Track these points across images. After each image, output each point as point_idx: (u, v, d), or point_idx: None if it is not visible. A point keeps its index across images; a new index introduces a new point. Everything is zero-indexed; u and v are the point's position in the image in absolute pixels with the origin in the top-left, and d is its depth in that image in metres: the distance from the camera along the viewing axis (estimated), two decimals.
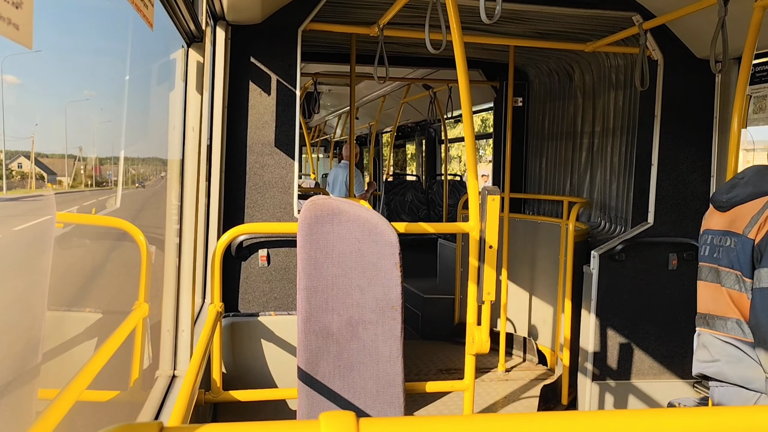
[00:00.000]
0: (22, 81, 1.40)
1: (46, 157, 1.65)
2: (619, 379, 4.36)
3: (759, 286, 2.36)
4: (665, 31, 4.19)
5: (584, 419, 0.85)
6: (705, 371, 2.62)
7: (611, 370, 4.35)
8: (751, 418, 0.85)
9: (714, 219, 2.67)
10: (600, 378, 4.34)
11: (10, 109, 1.34)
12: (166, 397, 2.56)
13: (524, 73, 6.07)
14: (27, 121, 1.51)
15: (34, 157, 1.53)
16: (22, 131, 1.48)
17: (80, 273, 2.21)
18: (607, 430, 0.84)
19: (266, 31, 3.72)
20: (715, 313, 2.59)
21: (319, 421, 0.77)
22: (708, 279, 2.64)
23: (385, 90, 8.31)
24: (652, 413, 0.86)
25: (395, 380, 2.42)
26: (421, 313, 6.34)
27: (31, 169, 1.52)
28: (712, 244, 2.63)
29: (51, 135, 1.68)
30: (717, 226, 2.63)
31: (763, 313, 2.33)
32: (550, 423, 0.84)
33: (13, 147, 1.44)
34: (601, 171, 5.16)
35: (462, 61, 2.65)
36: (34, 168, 1.54)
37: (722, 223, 2.60)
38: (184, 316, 2.80)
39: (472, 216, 2.72)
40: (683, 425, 0.85)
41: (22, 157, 1.50)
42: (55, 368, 1.81)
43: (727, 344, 2.53)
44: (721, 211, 2.63)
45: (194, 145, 2.69)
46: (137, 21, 1.63)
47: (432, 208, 9.66)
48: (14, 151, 1.46)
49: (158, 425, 0.74)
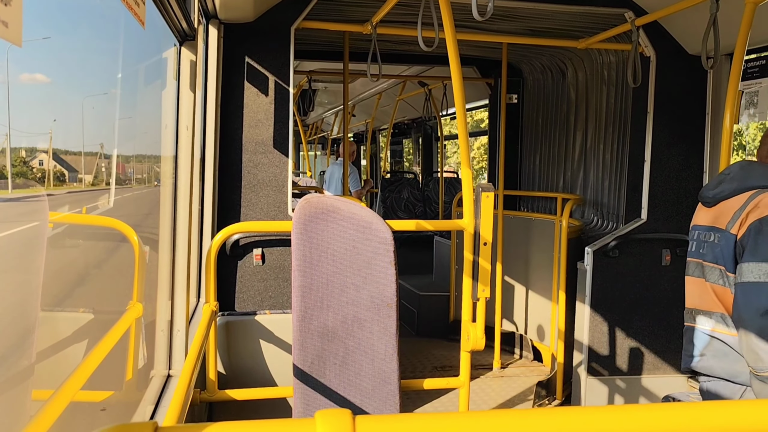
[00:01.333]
0: (52, 79, 1.40)
1: (68, 154, 1.64)
2: (614, 374, 4.37)
3: (741, 281, 2.38)
4: (657, 28, 4.20)
5: (579, 415, 0.85)
6: (694, 366, 2.64)
7: (606, 365, 4.37)
8: (743, 411, 0.86)
9: (701, 215, 2.69)
10: (595, 374, 4.35)
11: (33, 107, 1.34)
12: (161, 396, 2.56)
13: (519, 70, 6.08)
14: (45, 118, 1.50)
15: (57, 154, 1.52)
16: (41, 128, 1.47)
17: (75, 272, 2.20)
18: (602, 425, 0.84)
19: (259, 30, 3.71)
20: (701, 307, 2.61)
21: (315, 419, 0.77)
22: (694, 274, 2.66)
23: (381, 87, 8.30)
24: (647, 408, 0.86)
25: (391, 378, 2.42)
26: (417, 310, 6.35)
27: (48, 165, 1.51)
28: (698, 239, 2.65)
29: (69, 132, 1.67)
30: (703, 222, 2.65)
31: (745, 307, 2.34)
32: (546, 419, 0.84)
33: (32, 144, 1.43)
34: (594, 168, 5.18)
35: (455, 59, 2.65)
36: (53, 166, 1.53)
37: (708, 219, 2.62)
38: (179, 315, 2.79)
39: (467, 213, 2.72)
40: (678, 420, 0.85)
41: (42, 154, 1.49)
42: (50, 368, 1.80)
43: (714, 339, 2.55)
44: (708, 206, 2.65)
45: (187, 144, 2.68)
46: (129, 19, 1.62)
47: (428, 206, 9.66)
48: (36, 148, 1.46)
49: (153, 425, 0.74)
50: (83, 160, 1.88)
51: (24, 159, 1.46)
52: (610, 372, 4.37)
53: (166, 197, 2.80)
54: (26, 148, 1.48)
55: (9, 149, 1.33)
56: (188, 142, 2.68)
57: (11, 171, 1.37)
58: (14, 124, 1.31)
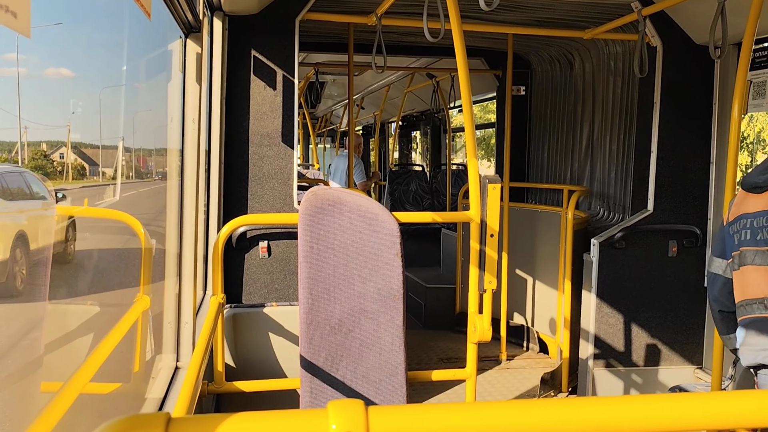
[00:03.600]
0: (76, 74, 1.41)
1: (90, 147, 1.65)
2: (620, 366, 4.37)
3: None
4: (664, 18, 4.16)
5: (585, 406, 0.85)
6: (764, 360, 2.46)
7: (612, 357, 4.36)
8: (751, 401, 0.86)
9: (750, 202, 2.59)
10: (601, 365, 4.35)
11: (54, 102, 1.34)
12: (169, 388, 2.57)
13: (527, 61, 6.05)
14: (63, 111, 1.51)
15: (77, 147, 1.53)
16: (59, 122, 1.48)
17: None
18: (608, 416, 0.84)
19: (264, 22, 3.71)
20: None
21: (328, 410, 0.77)
22: (755, 263, 2.52)
23: (390, 79, 8.28)
24: (654, 399, 0.86)
25: (398, 369, 2.43)
26: (423, 302, 6.36)
27: (67, 157, 1.51)
28: (753, 227, 2.53)
29: (87, 125, 1.68)
30: (756, 208, 2.56)
31: None
32: (552, 410, 0.85)
33: (55, 137, 1.44)
34: (601, 159, 5.16)
35: (461, 50, 2.64)
36: (72, 158, 1.54)
37: (761, 204, 2.54)
38: (186, 307, 2.81)
39: (473, 205, 2.72)
40: (686, 411, 0.85)
41: (63, 148, 1.50)
42: (61, 360, 1.82)
43: None
44: (758, 192, 2.57)
45: (194, 136, 2.69)
46: (134, 11, 1.62)
47: (436, 198, 9.64)
48: (58, 142, 1.47)
49: (165, 416, 0.74)
50: (100, 154, 1.89)
51: (45, 152, 1.47)
52: (617, 363, 4.37)
53: (173, 190, 2.81)
54: (47, 142, 1.49)
55: (20, 143, 1.34)
56: (194, 135, 2.68)
57: (26, 165, 1.38)
58: (33, 117, 1.32)
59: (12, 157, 1.34)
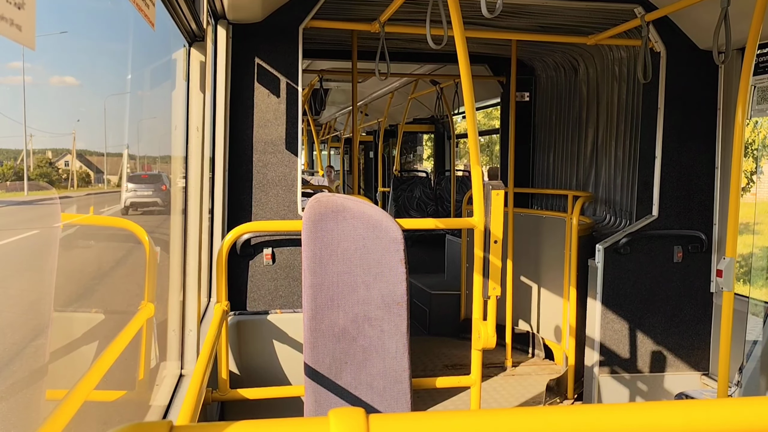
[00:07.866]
0: (81, 82, 1.41)
1: (95, 154, 1.65)
2: (626, 372, 4.35)
3: None
4: (667, 23, 4.16)
5: (591, 413, 0.85)
6: None
7: (617, 363, 4.34)
8: (757, 408, 0.85)
9: None
10: (607, 372, 4.33)
11: (58, 109, 1.35)
12: (173, 396, 2.57)
13: (531, 67, 6.05)
14: (68, 119, 1.51)
15: (82, 155, 1.53)
16: (64, 129, 1.48)
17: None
18: (614, 423, 0.84)
19: (267, 30, 3.72)
20: None
21: (329, 418, 0.77)
22: None
23: (393, 86, 8.30)
24: (660, 406, 0.86)
25: (402, 376, 2.42)
26: (428, 309, 6.35)
27: (72, 165, 1.52)
28: None
29: (92, 133, 1.68)
30: None
31: None
32: (557, 417, 0.84)
33: (60, 145, 1.44)
34: (606, 165, 5.15)
35: (464, 57, 2.64)
36: (76, 166, 1.54)
37: None
38: (191, 315, 2.80)
39: (477, 211, 2.71)
40: (692, 418, 0.85)
41: (68, 155, 1.51)
42: (65, 368, 1.82)
43: None
44: None
45: (198, 144, 2.69)
46: (138, 20, 1.63)
47: (440, 204, 9.63)
48: (62, 150, 1.47)
49: (168, 424, 0.74)
50: (105, 161, 1.90)
51: (50, 160, 1.48)
52: (622, 370, 4.35)
53: (177, 198, 2.81)
54: (53, 149, 1.50)
55: (25, 150, 1.34)
56: (198, 142, 2.69)
57: (30, 173, 1.39)
58: (39, 125, 1.32)
59: (17, 164, 1.34)
